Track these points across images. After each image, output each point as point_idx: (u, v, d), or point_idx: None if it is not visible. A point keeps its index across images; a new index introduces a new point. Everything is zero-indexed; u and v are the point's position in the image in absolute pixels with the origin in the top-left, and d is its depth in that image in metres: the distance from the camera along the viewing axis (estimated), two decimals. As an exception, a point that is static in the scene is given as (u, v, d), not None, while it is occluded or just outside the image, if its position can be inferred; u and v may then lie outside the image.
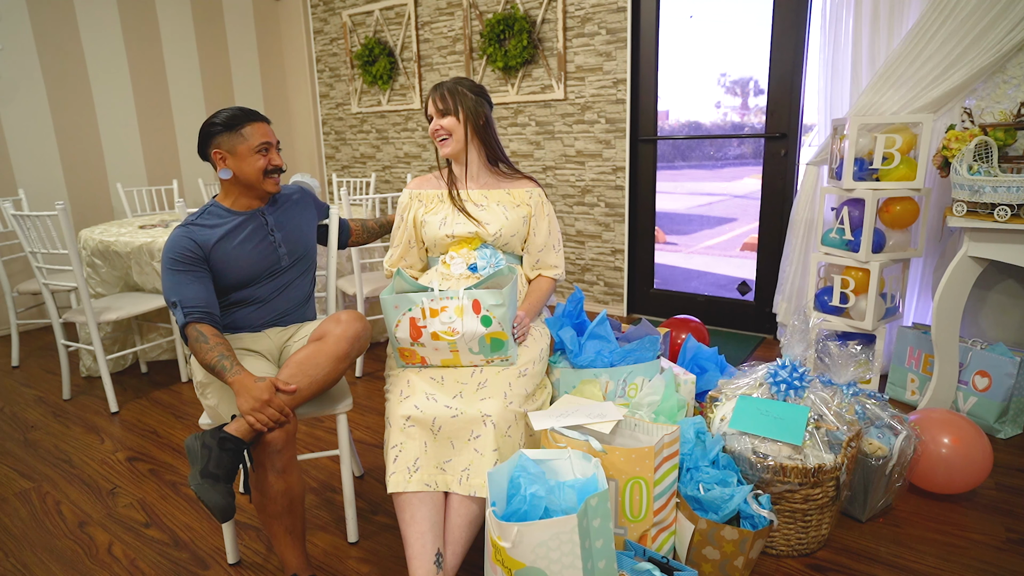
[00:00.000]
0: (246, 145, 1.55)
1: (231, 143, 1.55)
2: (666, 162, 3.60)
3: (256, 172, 1.57)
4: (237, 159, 1.56)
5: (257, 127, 1.56)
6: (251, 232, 1.60)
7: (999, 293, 2.38)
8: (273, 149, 1.60)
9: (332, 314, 1.51)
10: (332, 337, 1.44)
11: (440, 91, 1.72)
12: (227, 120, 1.54)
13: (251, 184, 1.59)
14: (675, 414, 1.61)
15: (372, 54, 4.37)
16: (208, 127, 1.56)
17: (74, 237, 2.37)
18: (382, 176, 4.70)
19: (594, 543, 1.17)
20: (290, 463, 1.38)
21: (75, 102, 3.91)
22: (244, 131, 1.55)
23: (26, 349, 3.43)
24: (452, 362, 1.53)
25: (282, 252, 1.65)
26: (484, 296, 1.46)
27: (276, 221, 1.66)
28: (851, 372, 1.68)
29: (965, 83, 2.23)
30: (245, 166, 1.56)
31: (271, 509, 1.38)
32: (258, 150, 1.56)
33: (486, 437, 1.38)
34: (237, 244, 1.57)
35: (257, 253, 1.60)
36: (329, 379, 1.44)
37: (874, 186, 2.29)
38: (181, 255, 1.50)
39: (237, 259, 1.56)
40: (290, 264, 1.67)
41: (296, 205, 1.74)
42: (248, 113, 1.57)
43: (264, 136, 1.57)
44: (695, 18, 3.35)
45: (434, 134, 1.74)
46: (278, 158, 1.61)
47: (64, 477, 2.10)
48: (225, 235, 1.56)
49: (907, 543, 1.62)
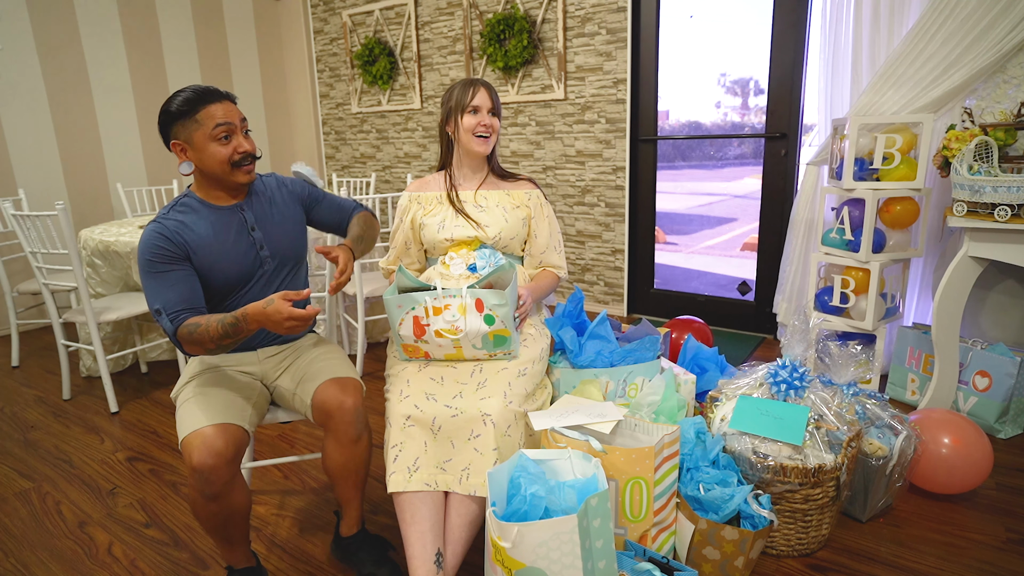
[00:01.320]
0: (202, 132, 1.33)
1: (187, 131, 1.33)
2: (666, 162, 3.60)
3: (220, 163, 1.35)
4: (196, 150, 1.35)
5: (215, 108, 1.33)
6: (229, 228, 1.43)
7: (999, 293, 2.38)
8: (238, 132, 1.37)
9: (330, 389, 1.41)
10: (346, 437, 1.41)
11: (489, 88, 1.70)
12: (181, 104, 1.32)
13: (218, 176, 1.38)
14: (675, 414, 1.61)
15: (372, 54, 4.37)
16: (163, 116, 1.34)
17: (74, 237, 2.37)
18: (382, 176, 4.69)
19: (594, 543, 1.17)
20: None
21: (75, 102, 3.91)
22: (199, 116, 1.32)
23: (26, 349, 3.43)
24: (456, 356, 1.54)
25: (264, 254, 1.47)
26: (487, 296, 1.47)
27: (256, 217, 1.47)
28: (851, 372, 1.68)
29: (965, 83, 2.23)
30: (206, 157, 1.35)
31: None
32: (217, 136, 1.33)
33: (486, 437, 1.38)
34: (216, 241, 1.40)
35: (237, 252, 1.43)
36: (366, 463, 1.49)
37: (874, 186, 2.29)
38: (156, 254, 1.33)
39: (219, 259, 1.40)
40: (274, 267, 1.50)
41: (278, 199, 1.54)
42: (204, 93, 1.33)
43: (224, 116, 1.33)
44: (695, 18, 3.35)
45: (481, 128, 1.69)
46: (246, 142, 1.38)
47: (64, 477, 2.10)
48: (203, 231, 1.39)
49: (907, 543, 1.62)
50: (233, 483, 1.29)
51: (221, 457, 1.24)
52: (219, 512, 1.30)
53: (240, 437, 1.30)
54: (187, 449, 1.24)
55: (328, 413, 1.40)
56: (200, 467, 1.21)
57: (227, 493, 1.28)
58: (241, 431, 1.31)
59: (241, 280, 1.45)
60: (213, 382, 1.42)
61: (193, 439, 1.24)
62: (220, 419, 1.29)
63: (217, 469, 1.23)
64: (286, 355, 1.57)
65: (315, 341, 1.64)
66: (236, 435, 1.29)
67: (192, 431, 1.26)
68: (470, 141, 1.70)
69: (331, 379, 1.44)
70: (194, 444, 1.23)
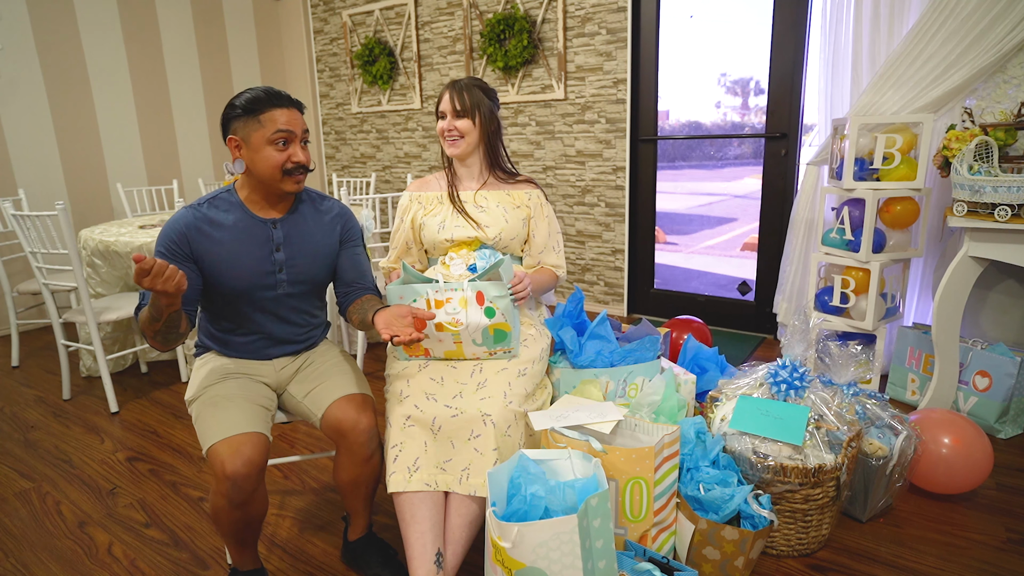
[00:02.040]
0: (261, 133, 1.32)
1: (247, 130, 1.33)
2: (666, 162, 3.60)
3: (271, 168, 1.34)
4: (251, 150, 1.34)
5: (280, 113, 1.32)
6: (253, 239, 1.40)
7: (999, 293, 2.38)
8: (295, 141, 1.35)
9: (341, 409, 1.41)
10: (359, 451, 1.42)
11: (459, 90, 1.67)
12: (247, 103, 1.32)
13: (266, 181, 1.36)
14: (675, 414, 1.61)
15: (372, 54, 4.37)
16: (228, 109, 1.34)
17: (74, 237, 2.37)
18: (382, 176, 4.69)
19: (594, 543, 1.17)
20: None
21: (75, 102, 3.91)
22: (263, 117, 1.31)
23: (26, 349, 3.43)
24: (455, 354, 1.53)
25: (281, 277, 1.43)
26: (488, 288, 1.47)
27: (286, 238, 1.43)
28: (851, 372, 1.68)
29: (966, 83, 2.23)
30: (259, 159, 1.33)
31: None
32: (275, 140, 1.32)
33: (486, 437, 1.38)
34: (234, 247, 1.38)
35: (251, 263, 1.40)
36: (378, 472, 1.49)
37: (874, 186, 2.29)
38: (167, 244, 1.35)
39: (230, 265, 1.38)
40: (289, 289, 1.46)
41: (319, 227, 1.48)
42: (273, 96, 1.33)
43: (286, 123, 1.32)
44: (695, 18, 3.35)
45: (445, 133, 1.70)
46: (301, 153, 1.36)
47: (64, 477, 2.10)
48: (224, 234, 1.38)
49: (907, 543, 1.62)
50: (259, 490, 1.31)
51: (253, 465, 1.25)
52: (242, 518, 1.31)
53: (267, 445, 1.31)
54: (218, 457, 1.24)
55: (342, 432, 1.40)
56: (233, 475, 1.22)
57: (253, 500, 1.30)
58: (266, 439, 1.32)
59: (251, 289, 1.41)
60: (232, 390, 1.40)
61: (223, 448, 1.24)
62: (248, 428, 1.29)
63: (249, 477, 1.24)
64: (299, 364, 1.56)
65: (326, 349, 1.62)
66: (264, 443, 1.30)
67: (221, 439, 1.26)
68: (443, 145, 1.73)
69: (346, 396, 1.43)
70: (225, 453, 1.23)
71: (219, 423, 1.30)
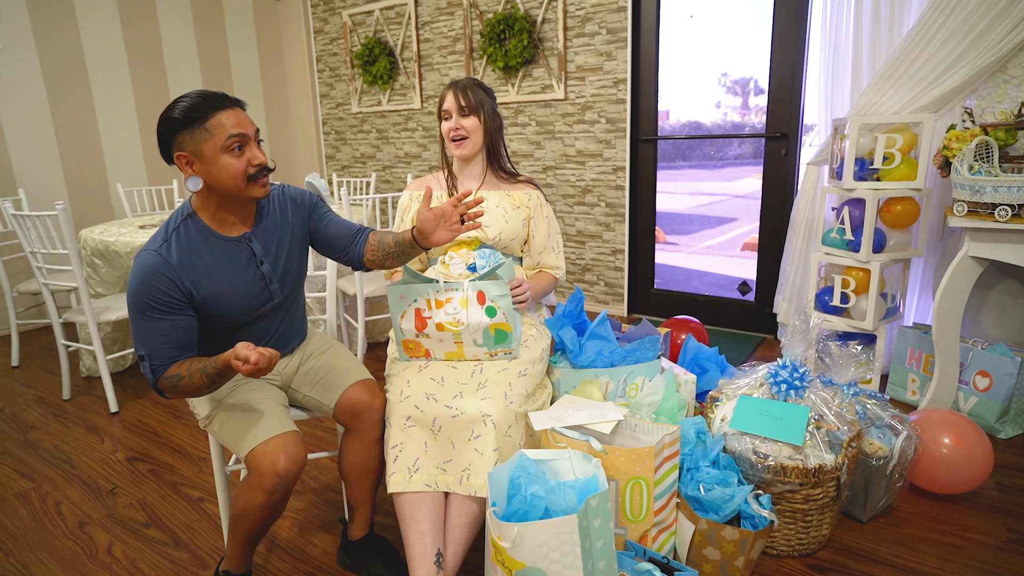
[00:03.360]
0: (212, 142, 1.19)
1: (195, 142, 1.19)
2: (666, 162, 3.59)
3: (234, 178, 1.22)
4: (205, 163, 1.21)
5: (225, 116, 1.20)
6: (236, 262, 1.32)
7: (1000, 293, 2.38)
8: (251, 142, 1.24)
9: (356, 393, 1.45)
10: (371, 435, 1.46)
11: (461, 88, 1.67)
12: (186, 112, 1.18)
13: (231, 192, 1.24)
14: (675, 414, 1.61)
15: (372, 54, 4.37)
16: (164, 124, 1.20)
17: (74, 237, 2.37)
18: (382, 176, 4.69)
19: (594, 543, 1.17)
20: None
21: (75, 102, 3.91)
22: (209, 124, 1.19)
23: (26, 349, 3.43)
24: (456, 355, 1.53)
25: (274, 287, 1.39)
26: (489, 287, 1.47)
27: (264, 248, 1.37)
28: (852, 372, 1.67)
29: (966, 83, 2.23)
30: (218, 171, 1.21)
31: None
32: (229, 147, 1.20)
33: (486, 437, 1.38)
34: (223, 277, 1.30)
35: (244, 287, 1.33)
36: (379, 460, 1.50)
37: (875, 186, 2.29)
38: (155, 298, 1.20)
39: (225, 295, 1.30)
40: (283, 299, 1.44)
41: (285, 220, 1.42)
42: (212, 98, 1.20)
43: (236, 126, 1.20)
44: (695, 18, 3.35)
45: (452, 133, 1.68)
46: (260, 154, 1.25)
47: (64, 477, 2.10)
48: (208, 267, 1.28)
49: (908, 543, 1.62)
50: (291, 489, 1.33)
51: (300, 463, 1.28)
52: (271, 516, 1.32)
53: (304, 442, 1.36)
54: (268, 457, 1.23)
55: (357, 414, 1.44)
56: (285, 473, 1.23)
57: (285, 499, 1.32)
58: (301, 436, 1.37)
59: (248, 315, 1.37)
60: (252, 396, 1.38)
61: (271, 448, 1.24)
62: (287, 427, 1.31)
63: (296, 475, 1.27)
64: (299, 359, 1.57)
65: (319, 340, 1.63)
66: (302, 441, 1.33)
67: (266, 439, 1.26)
68: (448, 146, 1.72)
69: (360, 381, 1.48)
70: (275, 452, 1.23)
71: (256, 426, 1.29)
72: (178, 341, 1.25)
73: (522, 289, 1.59)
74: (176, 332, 1.25)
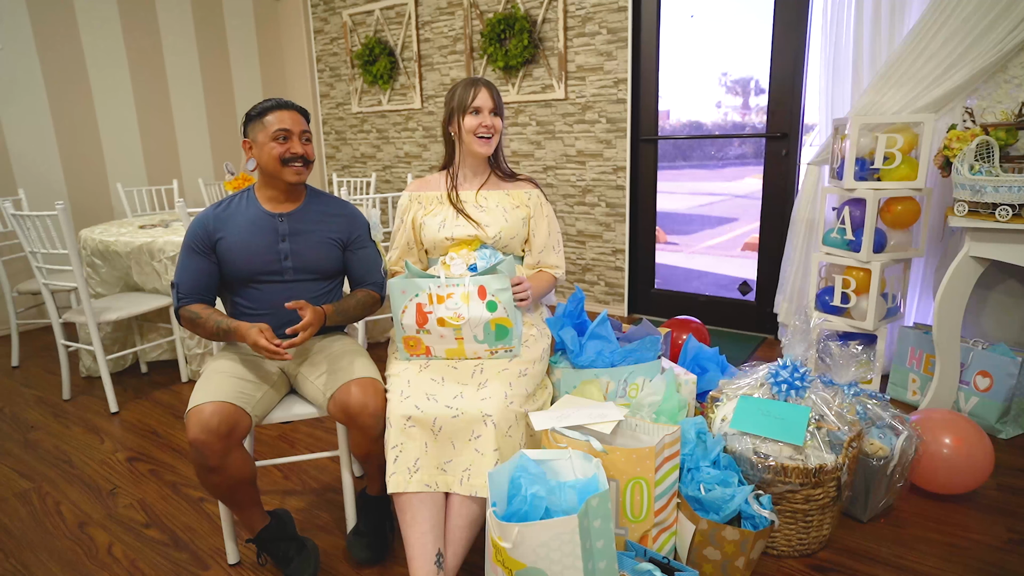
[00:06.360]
0: (265, 132, 1.53)
1: (255, 131, 1.55)
2: (667, 162, 3.59)
3: (272, 160, 1.53)
4: (258, 147, 1.55)
5: (281, 114, 1.54)
6: (262, 231, 1.57)
7: (1000, 293, 2.37)
8: (294, 137, 1.55)
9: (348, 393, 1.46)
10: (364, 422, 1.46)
11: (489, 87, 1.69)
12: (257, 109, 1.55)
13: (270, 172, 1.56)
14: (676, 414, 1.61)
15: (372, 54, 4.37)
16: (245, 117, 1.59)
17: (74, 237, 2.37)
18: (382, 176, 4.69)
19: (595, 544, 1.16)
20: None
21: (75, 102, 3.90)
22: (267, 119, 1.53)
23: (26, 349, 3.43)
24: (456, 352, 1.53)
25: (287, 264, 1.59)
26: (490, 281, 1.48)
27: (291, 231, 1.60)
28: (852, 372, 1.67)
29: (967, 83, 2.23)
30: (263, 153, 1.54)
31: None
32: (276, 136, 1.52)
33: (487, 437, 1.38)
34: (245, 237, 1.56)
35: (259, 251, 1.57)
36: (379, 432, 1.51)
37: (875, 186, 2.29)
38: (193, 238, 1.55)
39: (242, 253, 1.55)
40: (297, 276, 1.61)
41: (324, 228, 1.63)
42: (278, 102, 1.56)
43: (285, 123, 1.53)
44: (696, 18, 3.35)
45: (482, 129, 1.69)
46: (299, 146, 1.56)
47: (64, 477, 2.10)
48: (237, 226, 1.56)
49: (908, 543, 1.61)
50: (229, 456, 1.38)
51: (213, 434, 1.33)
52: (221, 483, 1.41)
53: (236, 417, 1.38)
54: (187, 423, 1.36)
55: (351, 415, 1.45)
56: (194, 441, 1.34)
57: (225, 466, 1.38)
58: (239, 412, 1.39)
59: (261, 274, 1.58)
60: (227, 367, 1.52)
61: (192, 414, 1.36)
62: (220, 398, 1.38)
63: (209, 444, 1.33)
64: (308, 347, 1.65)
65: (338, 337, 1.70)
66: (232, 415, 1.37)
67: (193, 406, 1.37)
68: (472, 142, 1.70)
69: (355, 380, 1.47)
70: (192, 419, 1.35)
71: (198, 392, 1.41)
72: (206, 279, 1.56)
73: (523, 287, 1.59)
74: (201, 271, 1.56)
